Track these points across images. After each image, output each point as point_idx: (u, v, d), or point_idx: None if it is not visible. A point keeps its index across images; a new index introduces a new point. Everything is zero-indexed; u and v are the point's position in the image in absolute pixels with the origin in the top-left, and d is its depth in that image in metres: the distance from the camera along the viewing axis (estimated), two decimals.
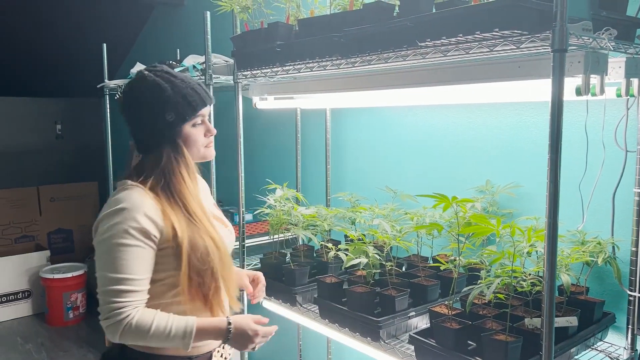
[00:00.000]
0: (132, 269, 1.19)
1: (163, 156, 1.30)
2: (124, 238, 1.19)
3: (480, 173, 1.83)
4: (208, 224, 1.30)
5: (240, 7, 1.89)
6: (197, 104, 1.31)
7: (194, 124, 1.33)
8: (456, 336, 1.26)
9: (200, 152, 1.37)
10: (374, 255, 1.50)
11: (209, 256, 1.26)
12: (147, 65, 1.37)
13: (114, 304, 1.18)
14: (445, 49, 1.22)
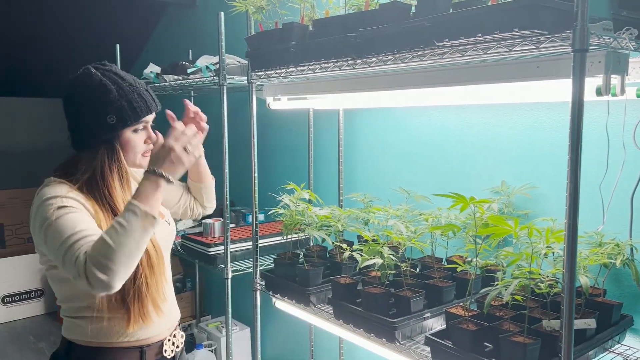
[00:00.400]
0: (76, 226, 1.16)
1: (97, 157, 1.28)
2: (58, 213, 1.17)
3: (495, 174, 1.82)
4: None
5: (254, 8, 1.90)
6: (142, 110, 1.29)
7: (135, 130, 1.31)
8: (473, 337, 1.25)
9: (137, 160, 1.34)
10: (390, 256, 1.50)
11: (139, 269, 1.23)
12: (95, 63, 1.34)
13: (73, 258, 1.12)
14: (463, 49, 1.21)
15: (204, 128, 1.45)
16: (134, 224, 1.12)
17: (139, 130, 1.33)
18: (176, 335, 1.44)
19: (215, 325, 3.11)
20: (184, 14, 3.65)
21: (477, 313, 1.36)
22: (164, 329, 1.39)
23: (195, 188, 1.64)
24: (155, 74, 2.73)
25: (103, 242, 1.11)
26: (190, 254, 2.47)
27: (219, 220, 2.49)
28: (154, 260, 1.28)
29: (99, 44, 4.03)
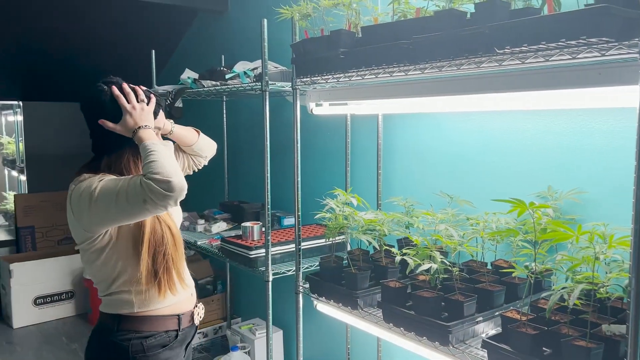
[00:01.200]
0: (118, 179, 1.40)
1: (125, 155, 1.51)
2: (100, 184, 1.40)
3: (540, 179, 1.83)
4: (170, 220, 1.56)
5: (300, 15, 1.93)
6: (156, 112, 1.55)
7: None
8: (533, 342, 1.26)
9: None
10: (443, 261, 1.51)
11: (164, 241, 1.50)
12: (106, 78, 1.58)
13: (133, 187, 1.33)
14: (524, 55, 1.23)
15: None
16: (156, 147, 1.38)
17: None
18: (198, 306, 1.69)
19: (248, 327, 3.14)
20: (215, 20, 3.70)
21: (534, 317, 1.37)
22: (191, 301, 1.66)
23: (189, 151, 1.87)
24: (192, 79, 2.78)
25: (148, 164, 1.34)
26: (229, 256, 2.51)
27: (258, 224, 2.52)
28: (177, 239, 1.56)
29: (132, 48, 4.10)
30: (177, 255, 1.55)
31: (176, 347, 1.58)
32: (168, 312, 1.55)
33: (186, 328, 1.61)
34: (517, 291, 1.63)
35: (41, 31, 3.73)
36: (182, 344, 1.61)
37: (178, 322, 1.57)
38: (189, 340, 1.66)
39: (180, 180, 1.34)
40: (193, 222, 3.16)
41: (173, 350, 1.56)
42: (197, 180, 4.18)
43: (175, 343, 1.57)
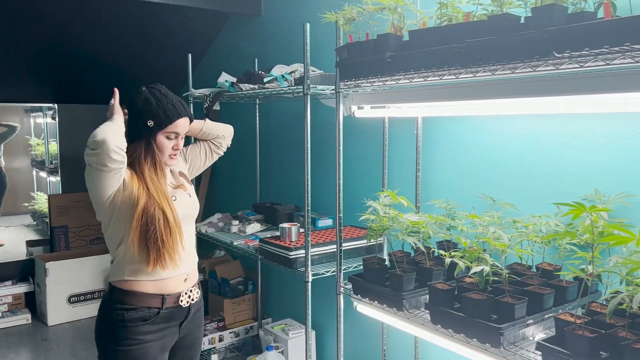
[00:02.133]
0: None
1: (138, 148, 1.73)
2: None
3: (586, 182, 1.83)
4: (162, 200, 1.70)
5: (345, 19, 1.95)
6: (173, 115, 1.72)
7: (167, 137, 1.75)
8: (590, 345, 1.27)
9: (164, 159, 1.78)
10: (494, 263, 1.52)
11: (155, 222, 1.66)
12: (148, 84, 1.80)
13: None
14: (583, 59, 1.23)
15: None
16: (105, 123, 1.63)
17: (171, 138, 1.77)
18: (192, 291, 1.83)
19: (281, 328, 3.17)
20: (248, 23, 3.75)
21: (588, 320, 1.37)
22: (182, 284, 1.79)
23: (202, 137, 2.06)
24: (230, 82, 2.82)
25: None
26: (268, 257, 2.54)
27: (295, 225, 2.55)
28: (171, 223, 1.70)
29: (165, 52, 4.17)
30: (170, 239, 1.70)
31: (159, 322, 1.73)
32: (152, 290, 1.72)
33: (172, 308, 1.76)
34: (565, 294, 1.63)
35: (76, 35, 3.81)
36: (167, 321, 1.75)
37: (162, 301, 1.73)
38: (180, 320, 1.79)
39: (103, 137, 1.52)
40: (227, 223, 3.21)
41: (155, 325, 1.72)
42: (230, 182, 4.26)
43: (157, 319, 1.72)
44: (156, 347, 1.73)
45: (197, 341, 1.92)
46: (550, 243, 1.72)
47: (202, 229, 3.22)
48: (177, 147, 1.80)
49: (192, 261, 1.87)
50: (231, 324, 3.60)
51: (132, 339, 1.68)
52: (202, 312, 1.94)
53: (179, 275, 1.78)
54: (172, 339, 1.80)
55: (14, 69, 4.09)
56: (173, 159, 1.82)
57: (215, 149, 2.09)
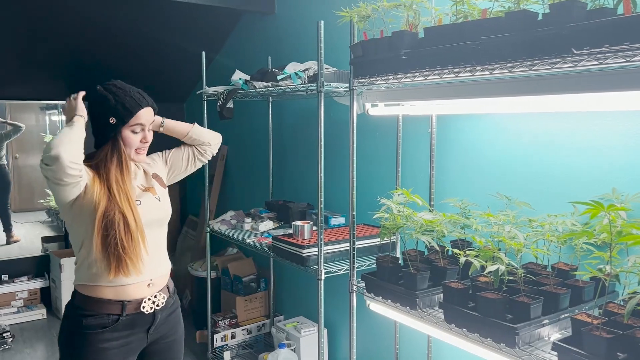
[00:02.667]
0: None
1: (105, 148, 1.68)
2: None
3: (603, 181, 1.80)
4: (124, 203, 1.64)
5: (359, 17, 1.94)
6: (133, 107, 1.67)
7: (133, 130, 1.70)
8: (608, 345, 1.25)
9: (131, 154, 1.73)
10: (509, 262, 1.51)
11: (115, 226, 1.60)
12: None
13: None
14: (602, 56, 1.22)
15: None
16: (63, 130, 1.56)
17: (136, 132, 1.71)
18: (157, 296, 1.75)
19: (293, 325, 3.17)
20: (261, 21, 3.75)
21: (605, 320, 1.35)
22: (145, 290, 1.72)
23: (188, 141, 1.99)
24: (243, 80, 2.82)
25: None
26: (280, 254, 2.54)
27: (308, 223, 2.55)
28: (132, 227, 1.63)
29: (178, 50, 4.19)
30: (131, 244, 1.63)
31: (120, 329, 1.66)
32: (112, 296, 1.66)
33: (133, 314, 1.69)
34: (581, 294, 1.61)
35: (90, 33, 3.84)
36: (130, 328, 1.69)
37: (122, 307, 1.66)
38: (145, 326, 1.73)
39: (57, 153, 1.45)
40: (240, 220, 3.22)
41: (116, 333, 1.66)
42: (243, 179, 4.27)
43: (117, 326, 1.66)
44: (117, 354, 1.67)
45: (174, 344, 1.86)
46: (566, 243, 1.70)
47: (215, 226, 3.23)
48: (145, 140, 1.74)
49: (159, 267, 1.79)
50: (243, 321, 3.61)
51: (90, 346, 1.63)
52: (177, 316, 1.87)
53: (141, 282, 1.71)
54: (138, 344, 1.73)
55: (30, 66, 4.13)
56: (140, 153, 1.76)
57: (199, 156, 2.01)
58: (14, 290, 4.38)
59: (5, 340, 3.83)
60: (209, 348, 3.47)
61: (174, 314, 1.86)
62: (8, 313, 4.26)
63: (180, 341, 1.91)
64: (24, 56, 3.96)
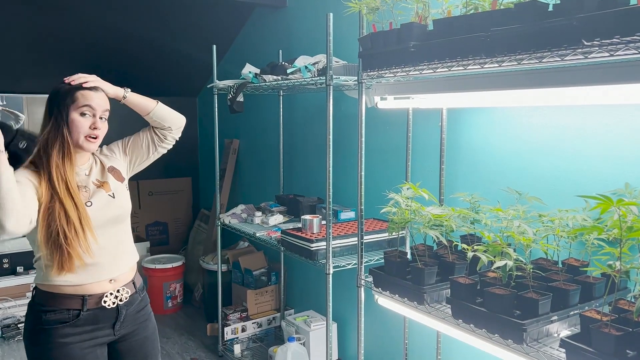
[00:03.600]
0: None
1: (46, 132, 1.60)
2: None
3: (615, 176, 1.77)
4: (63, 194, 1.56)
5: (368, 9, 1.92)
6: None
7: (81, 113, 1.61)
8: (617, 343, 1.23)
9: (80, 140, 1.63)
10: (518, 258, 1.49)
11: (55, 215, 1.54)
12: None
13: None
14: (613, 48, 1.19)
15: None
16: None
17: (85, 115, 1.62)
18: (120, 291, 1.71)
19: (303, 319, 3.18)
20: (272, 15, 3.74)
21: (615, 317, 1.33)
22: (105, 285, 1.67)
23: (149, 120, 1.87)
24: (253, 74, 2.82)
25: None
26: (289, 248, 2.54)
27: (317, 217, 2.54)
28: (73, 219, 1.56)
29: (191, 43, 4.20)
30: (75, 237, 1.56)
31: (81, 325, 1.63)
32: (71, 291, 1.62)
33: (94, 309, 1.64)
34: (592, 291, 1.59)
35: (103, 27, 3.86)
36: (93, 323, 1.65)
37: (82, 302, 1.63)
38: (110, 321, 1.68)
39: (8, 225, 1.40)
40: (250, 214, 3.22)
41: (77, 328, 1.62)
42: (253, 173, 4.28)
43: (78, 321, 1.62)
44: (81, 350, 1.63)
45: (146, 342, 1.81)
46: (577, 238, 1.67)
47: (226, 219, 3.24)
48: (95, 126, 1.63)
49: (123, 262, 1.74)
50: (254, 315, 3.62)
51: (52, 342, 1.60)
52: (146, 313, 1.82)
53: (102, 280, 1.66)
54: (104, 340, 1.69)
55: (46, 60, 4.17)
56: (91, 142, 1.64)
57: (159, 142, 1.88)
58: (29, 282, 4.43)
59: (20, 331, 3.89)
60: (219, 341, 3.49)
61: (143, 311, 1.80)
62: (23, 304, 4.31)
63: (153, 338, 1.85)
64: (39, 50, 4.00)
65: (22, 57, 4.02)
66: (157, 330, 1.88)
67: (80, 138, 1.63)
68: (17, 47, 3.88)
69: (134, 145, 1.87)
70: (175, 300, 4.32)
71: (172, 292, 4.29)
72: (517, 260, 1.52)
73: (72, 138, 1.62)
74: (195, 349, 3.66)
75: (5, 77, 4.15)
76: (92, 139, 1.65)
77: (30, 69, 4.21)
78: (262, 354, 3.38)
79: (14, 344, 3.79)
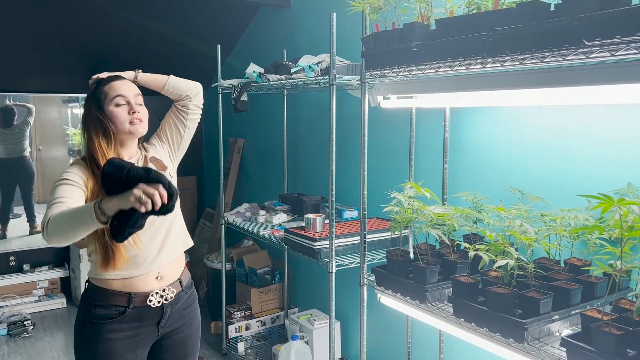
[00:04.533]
0: (61, 194, 1.53)
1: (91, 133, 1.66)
2: (59, 181, 1.58)
3: (618, 176, 1.77)
4: None
5: (371, 8, 1.93)
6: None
7: (116, 104, 1.65)
8: (617, 342, 1.23)
9: (125, 127, 1.66)
10: (519, 257, 1.49)
11: None
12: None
13: (48, 211, 1.48)
14: (614, 48, 1.19)
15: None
16: (81, 216, 1.39)
17: (120, 105, 1.66)
18: (166, 290, 1.73)
19: (306, 318, 3.19)
20: (277, 14, 3.75)
21: (616, 317, 1.33)
22: (152, 283, 1.70)
23: (167, 94, 1.89)
24: (257, 73, 2.83)
25: (59, 215, 1.44)
26: (292, 247, 2.55)
27: (320, 216, 2.55)
28: None
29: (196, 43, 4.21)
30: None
31: (127, 321, 1.66)
32: (119, 287, 1.66)
33: (140, 307, 1.67)
34: (593, 290, 1.59)
35: (109, 27, 3.89)
36: (138, 320, 1.68)
37: (128, 299, 1.66)
38: (155, 319, 1.71)
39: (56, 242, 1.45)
40: (254, 213, 3.24)
41: (123, 324, 1.66)
42: (258, 172, 4.29)
43: (124, 318, 1.66)
44: (125, 346, 1.66)
45: (189, 340, 1.84)
46: (579, 237, 1.67)
47: (230, 218, 3.26)
48: (133, 110, 1.66)
49: (168, 258, 1.74)
50: (258, 313, 3.64)
51: (98, 336, 1.64)
52: (193, 311, 1.84)
53: (147, 273, 1.68)
54: (148, 337, 1.72)
55: (51, 60, 4.20)
56: (137, 124, 1.67)
57: (183, 114, 1.88)
58: (35, 280, 4.48)
59: (27, 328, 3.92)
60: (223, 339, 3.51)
61: (190, 309, 1.83)
62: (29, 302, 4.36)
63: (196, 336, 1.89)
64: (45, 50, 4.03)
65: (28, 56, 4.05)
66: (200, 328, 1.91)
67: (126, 126, 1.66)
68: (23, 46, 3.91)
69: (166, 129, 1.90)
70: None
71: None
72: (519, 260, 1.52)
73: (118, 129, 1.66)
74: (200, 347, 3.67)
75: (11, 76, 4.18)
76: (137, 121, 1.67)
77: (36, 68, 4.24)
78: (265, 352, 3.39)
79: (21, 341, 3.82)
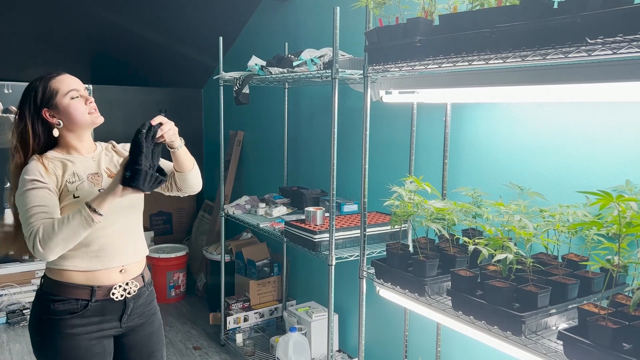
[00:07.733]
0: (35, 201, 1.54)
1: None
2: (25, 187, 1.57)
3: (617, 172, 1.79)
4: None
5: (375, 3, 1.94)
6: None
7: (71, 97, 1.64)
8: (613, 336, 1.25)
9: (87, 118, 1.67)
10: (518, 251, 1.51)
11: None
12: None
13: (29, 226, 1.50)
14: (617, 46, 1.20)
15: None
16: (76, 218, 1.49)
17: (75, 97, 1.65)
18: (129, 284, 1.72)
19: (304, 310, 3.21)
20: (279, 7, 3.75)
21: (612, 311, 1.35)
22: (116, 277, 1.69)
23: (178, 176, 1.79)
24: (259, 66, 2.84)
25: (52, 227, 1.48)
26: (292, 239, 2.57)
27: (321, 209, 2.57)
28: None
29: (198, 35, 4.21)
30: None
31: (89, 316, 1.64)
32: (81, 281, 1.64)
33: (102, 300, 1.66)
34: (591, 285, 1.61)
35: (111, 18, 3.88)
36: (100, 314, 1.66)
37: (91, 293, 1.64)
38: (117, 313, 1.69)
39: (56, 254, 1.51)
40: (254, 205, 3.25)
41: (85, 319, 1.64)
42: (258, 165, 4.30)
43: (86, 312, 1.63)
44: (88, 341, 1.64)
45: (152, 337, 1.82)
46: (577, 233, 1.69)
47: (230, 210, 3.27)
48: (90, 100, 1.68)
49: (132, 253, 1.74)
50: (256, 305, 3.66)
51: (59, 332, 1.61)
52: (153, 308, 1.83)
53: (112, 267, 1.68)
54: (111, 332, 1.71)
55: (52, 51, 4.20)
56: (94, 113, 1.68)
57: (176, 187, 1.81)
58: (33, 269, 4.49)
59: (25, 317, 3.94)
60: (221, 330, 3.53)
61: (151, 306, 1.82)
62: (28, 291, 4.37)
63: (159, 333, 1.87)
64: (46, 40, 4.02)
65: (29, 46, 4.04)
66: (162, 326, 1.90)
67: (85, 116, 1.67)
68: (25, 37, 3.91)
69: None
70: (179, 289, 4.36)
71: (176, 281, 4.33)
72: (518, 254, 1.54)
73: (79, 121, 1.66)
74: (198, 338, 3.70)
75: (11, 66, 4.17)
76: (94, 111, 1.69)
77: (36, 58, 4.23)
78: (263, 343, 3.42)
79: (19, 330, 3.84)
